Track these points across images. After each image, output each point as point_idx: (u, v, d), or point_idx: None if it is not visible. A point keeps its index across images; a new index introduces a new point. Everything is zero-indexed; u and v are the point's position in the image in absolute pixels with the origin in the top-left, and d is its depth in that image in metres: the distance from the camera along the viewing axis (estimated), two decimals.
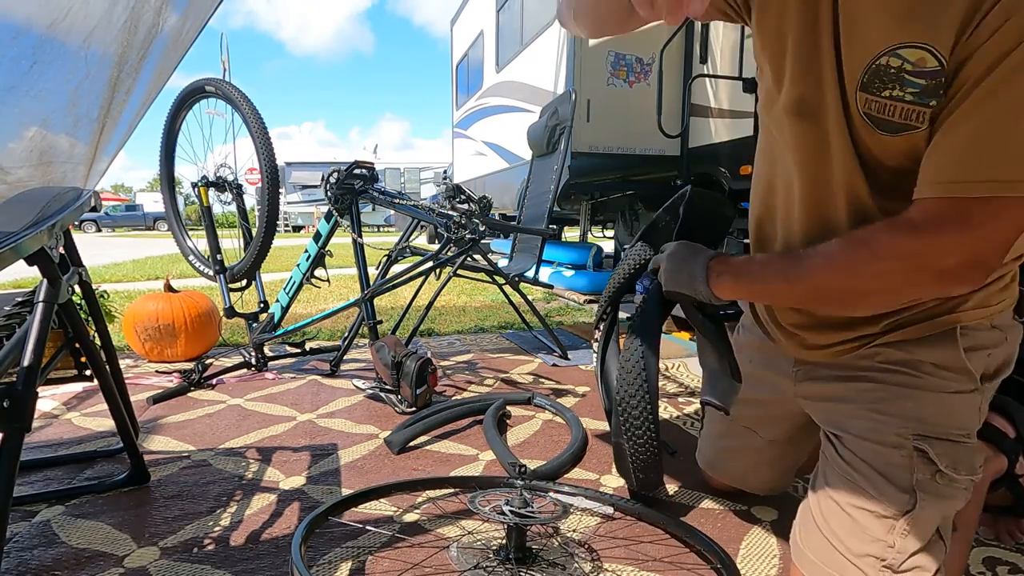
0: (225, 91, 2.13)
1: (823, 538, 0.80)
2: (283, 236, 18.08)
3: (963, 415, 0.78)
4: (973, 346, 0.78)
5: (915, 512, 0.75)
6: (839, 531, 0.79)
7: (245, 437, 1.59)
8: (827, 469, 0.85)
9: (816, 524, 0.81)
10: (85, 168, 0.95)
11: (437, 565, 1.00)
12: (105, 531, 1.11)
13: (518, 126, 5.07)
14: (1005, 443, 0.98)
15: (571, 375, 2.22)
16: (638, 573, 0.99)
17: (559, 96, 3.02)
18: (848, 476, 0.81)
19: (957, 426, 0.77)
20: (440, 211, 1.97)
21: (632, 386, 1.05)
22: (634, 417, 1.06)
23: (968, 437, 0.78)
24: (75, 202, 1.00)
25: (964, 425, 0.78)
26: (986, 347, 0.79)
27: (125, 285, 5.09)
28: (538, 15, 4.78)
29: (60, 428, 1.67)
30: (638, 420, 1.05)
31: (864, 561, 0.76)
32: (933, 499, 0.75)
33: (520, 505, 0.97)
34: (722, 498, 1.25)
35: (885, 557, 0.75)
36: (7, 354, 0.82)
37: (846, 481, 0.81)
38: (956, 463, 0.75)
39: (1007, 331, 0.80)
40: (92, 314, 1.43)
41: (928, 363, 0.79)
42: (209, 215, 2.33)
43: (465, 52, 7.48)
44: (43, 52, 0.52)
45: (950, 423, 0.77)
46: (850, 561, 0.77)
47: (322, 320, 2.04)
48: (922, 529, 0.75)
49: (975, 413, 0.79)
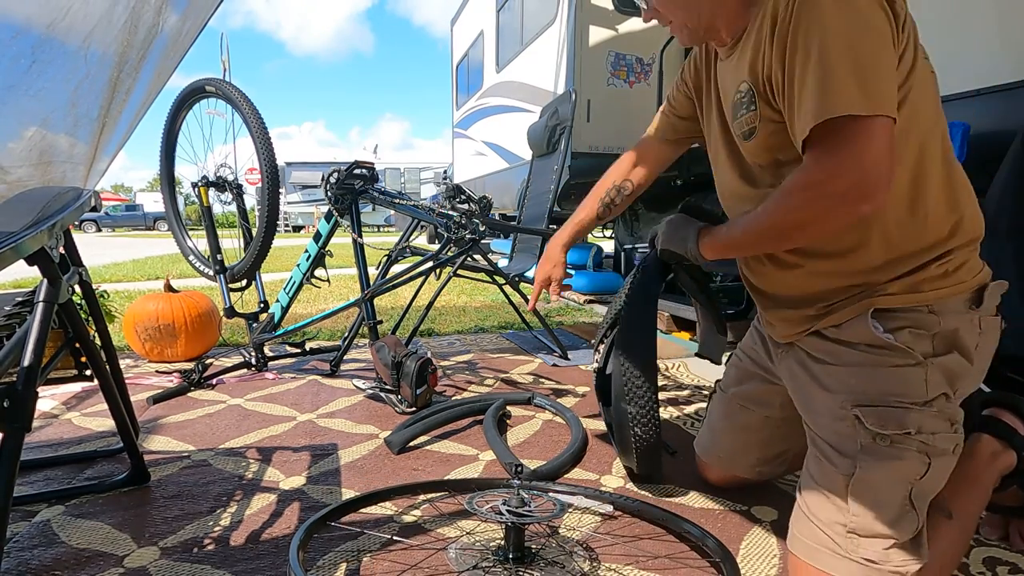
0: (225, 91, 2.13)
1: (805, 517, 0.89)
2: (283, 236, 18.09)
3: (902, 384, 0.86)
4: (903, 326, 0.87)
5: (858, 474, 0.84)
6: (813, 506, 0.88)
7: (245, 437, 1.59)
8: (807, 454, 0.95)
9: (800, 507, 0.90)
10: (85, 168, 0.95)
11: (436, 566, 1.00)
12: (105, 531, 1.12)
13: (518, 126, 5.07)
14: (1015, 439, 1.00)
15: (571, 375, 2.22)
16: (637, 571, 0.99)
17: (559, 96, 3.02)
18: (815, 453, 0.92)
19: (895, 394, 0.86)
20: (440, 211, 1.97)
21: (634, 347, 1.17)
22: (636, 376, 1.16)
23: (910, 404, 0.85)
24: (75, 202, 1.00)
25: (903, 393, 0.86)
26: (920, 328, 0.87)
27: (125, 285, 5.09)
28: (538, 15, 4.78)
29: (60, 428, 1.67)
30: (640, 380, 1.16)
31: (833, 529, 0.85)
32: (875, 460, 0.84)
33: (517, 505, 0.97)
34: (722, 498, 1.25)
35: (847, 522, 0.84)
36: (7, 354, 0.82)
37: (814, 458, 0.92)
38: (883, 421, 0.84)
39: (943, 315, 0.87)
40: (92, 314, 1.43)
41: (861, 343, 0.90)
42: (209, 215, 2.33)
43: (465, 52, 7.48)
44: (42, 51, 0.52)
45: (887, 391, 0.86)
46: (823, 531, 0.85)
47: (322, 320, 2.04)
48: (873, 491, 0.83)
49: (920, 383, 0.86)
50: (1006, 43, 1.94)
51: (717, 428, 1.25)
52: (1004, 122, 1.89)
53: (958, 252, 0.88)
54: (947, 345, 0.88)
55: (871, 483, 0.84)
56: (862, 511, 0.83)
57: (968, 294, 0.89)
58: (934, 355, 0.87)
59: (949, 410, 0.87)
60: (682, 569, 1.00)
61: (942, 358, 0.87)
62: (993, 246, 1.59)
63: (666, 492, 1.28)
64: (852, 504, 0.83)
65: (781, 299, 1.02)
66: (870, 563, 0.82)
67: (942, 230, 0.88)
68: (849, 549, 0.83)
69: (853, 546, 0.83)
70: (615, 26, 3.93)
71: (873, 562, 0.82)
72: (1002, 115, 1.92)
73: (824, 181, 0.78)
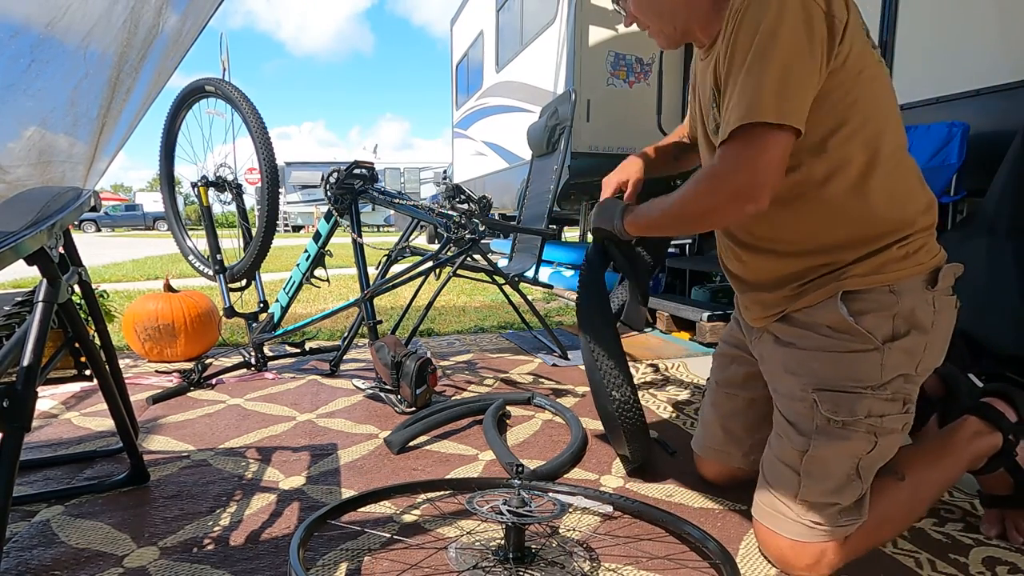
0: (225, 91, 2.13)
1: (766, 486, 1.01)
2: (283, 236, 18.09)
3: (858, 370, 0.94)
4: (867, 309, 0.95)
5: (811, 451, 0.96)
6: (771, 477, 1.01)
7: (245, 437, 1.59)
8: (772, 432, 1.05)
9: (762, 478, 1.03)
10: (84, 167, 0.95)
11: (436, 566, 1.00)
12: (105, 531, 1.11)
13: (518, 126, 5.07)
14: (1003, 422, 1.05)
15: (571, 375, 2.22)
16: (637, 571, 0.99)
17: (559, 96, 3.01)
18: (776, 431, 1.04)
19: (851, 379, 0.95)
20: (440, 211, 1.97)
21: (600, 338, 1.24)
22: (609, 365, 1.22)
23: (864, 388, 0.94)
24: (75, 202, 1.00)
25: (859, 379, 0.94)
26: (882, 310, 0.94)
27: (125, 285, 5.09)
28: (538, 15, 4.78)
29: (60, 428, 1.67)
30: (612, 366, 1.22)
31: (787, 496, 0.97)
32: (827, 439, 0.95)
33: (518, 504, 0.96)
34: (722, 498, 1.25)
35: (798, 492, 0.96)
36: (7, 354, 0.82)
37: (776, 435, 1.04)
38: (836, 408, 0.94)
39: (901, 295, 0.94)
40: (92, 314, 1.43)
41: (824, 326, 0.98)
42: (209, 215, 2.32)
43: (465, 52, 7.48)
44: (41, 51, 0.52)
45: (845, 376, 0.95)
46: (779, 499, 0.98)
47: (322, 320, 2.04)
48: (823, 466, 0.95)
49: (875, 368, 0.94)
50: (1006, 43, 1.94)
51: (707, 420, 1.30)
52: (1004, 122, 1.90)
53: (917, 235, 0.96)
54: (906, 324, 0.95)
55: (822, 459, 0.95)
56: (811, 482, 0.95)
57: (925, 275, 0.96)
58: (893, 338, 0.94)
59: (904, 391, 0.96)
60: (682, 570, 1.00)
61: (901, 340, 0.94)
62: (993, 246, 1.60)
63: (666, 492, 1.28)
64: (804, 477, 0.96)
65: (756, 284, 1.10)
66: (816, 524, 0.94)
67: (897, 216, 0.95)
68: (799, 513, 0.95)
69: (802, 511, 0.95)
70: (615, 26, 3.93)
71: (818, 523, 0.94)
72: (1002, 115, 1.92)
73: (723, 175, 0.90)
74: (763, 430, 1.20)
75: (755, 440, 1.22)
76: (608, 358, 1.22)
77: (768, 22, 0.84)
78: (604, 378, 1.22)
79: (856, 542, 0.97)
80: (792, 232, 1.01)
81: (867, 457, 0.95)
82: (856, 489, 0.95)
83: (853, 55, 0.88)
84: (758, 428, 1.22)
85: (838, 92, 0.90)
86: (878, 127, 0.93)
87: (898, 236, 0.95)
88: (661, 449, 1.51)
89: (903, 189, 0.97)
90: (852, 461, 0.94)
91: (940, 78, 2.09)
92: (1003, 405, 1.08)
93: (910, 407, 0.97)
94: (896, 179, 0.96)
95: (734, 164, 0.88)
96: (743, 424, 1.23)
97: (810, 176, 0.95)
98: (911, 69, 2.20)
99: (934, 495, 1.05)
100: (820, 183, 0.95)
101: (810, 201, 0.96)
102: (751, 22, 0.85)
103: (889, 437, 0.95)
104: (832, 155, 0.93)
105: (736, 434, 1.24)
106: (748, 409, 1.22)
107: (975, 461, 1.05)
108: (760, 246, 1.06)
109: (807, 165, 0.94)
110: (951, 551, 1.05)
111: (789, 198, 0.96)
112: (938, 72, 2.15)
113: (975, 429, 1.06)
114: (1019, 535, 1.07)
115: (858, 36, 0.89)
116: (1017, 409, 1.08)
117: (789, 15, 0.83)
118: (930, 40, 2.16)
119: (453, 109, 8.26)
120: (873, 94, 0.92)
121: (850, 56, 0.88)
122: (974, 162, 1.90)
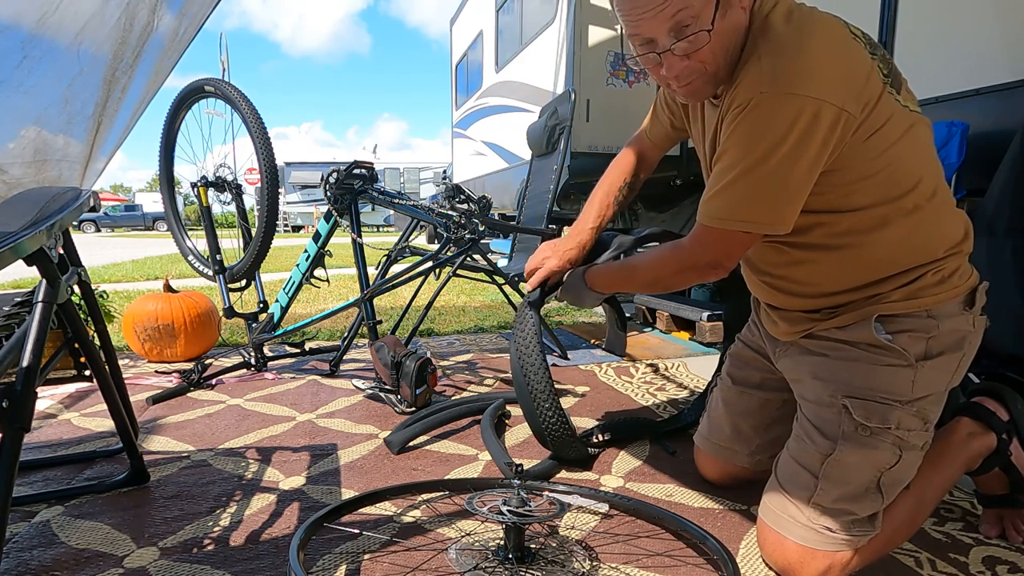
0: (224, 91, 2.13)
1: (778, 489, 0.99)
2: (283, 236, 18.09)
3: (890, 383, 0.95)
4: (903, 329, 0.95)
5: (835, 455, 0.94)
6: (785, 480, 0.99)
7: (245, 437, 1.59)
8: (790, 437, 1.04)
9: (775, 480, 1.01)
10: (81, 167, 0.95)
11: (436, 567, 0.99)
12: (105, 531, 1.11)
13: (518, 126, 5.07)
14: (993, 421, 1.06)
15: (571, 375, 2.22)
16: (637, 570, 0.99)
17: (559, 96, 3.01)
18: (798, 434, 1.02)
19: (883, 391, 0.94)
20: (440, 211, 1.96)
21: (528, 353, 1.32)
22: (537, 382, 1.30)
23: (894, 401, 0.94)
24: (74, 202, 1.00)
25: (890, 391, 0.94)
26: (919, 331, 0.95)
27: (124, 285, 5.08)
28: (538, 15, 4.78)
29: (59, 428, 1.67)
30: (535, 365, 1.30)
31: (801, 500, 0.95)
32: (853, 445, 0.94)
33: (518, 504, 0.96)
34: (722, 497, 1.24)
35: (814, 495, 0.94)
36: (6, 354, 0.82)
37: (796, 438, 1.02)
38: (868, 415, 0.93)
39: (940, 319, 0.95)
40: (91, 314, 1.43)
41: (862, 343, 0.98)
42: (208, 215, 2.32)
43: (464, 52, 7.48)
44: (33, 47, 0.51)
45: (876, 388, 0.95)
46: (791, 502, 0.96)
47: (322, 320, 2.04)
48: (845, 472, 0.93)
49: (907, 383, 0.94)
50: (1006, 42, 1.94)
51: (716, 415, 1.29)
52: (1003, 122, 1.89)
53: (950, 259, 0.97)
54: (941, 346, 0.95)
55: (844, 464, 0.94)
56: (828, 486, 0.94)
57: (962, 297, 0.97)
58: (925, 358, 0.95)
59: (927, 410, 0.95)
60: (682, 568, 1.00)
61: (935, 359, 0.95)
62: (992, 245, 1.60)
63: (666, 492, 1.28)
64: (822, 480, 0.94)
65: (787, 310, 1.11)
66: (827, 531, 0.92)
67: (936, 246, 0.96)
68: (811, 517, 0.94)
69: (815, 515, 0.93)
70: (615, 26, 3.93)
71: (830, 530, 0.92)
72: (1001, 115, 1.92)
73: (694, 259, 1.02)
74: (772, 432, 1.21)
75: (762, 440, 1.22)
76: (538, 383, 1.31)
77: (775, 134, 0.85)
78: (535, 400, 1.31)
79: (866, 555, 0.95)
80: (833, 281, 1.01)
81: (889, 473, 0.93)
82: (874, 503, 0.93)
83: (893, 120, 0.89)
84: (767, 429, 1.21)
85: (884, 174, 0.91)
86: (919, 175, 0.93)
87: (930, 261, 0.95)
88: (661, 449, 1.50)
89: (944, 225, 0.97)
90: (874, 472, 0.93)
91: (940, 77, 2.09)
92: (993, 404, 1.08)
93: (930, 427, 0.97)
94: (938, 217, 0.96)
95: (704, 249, 0.99)
96: (753, 423, 1.22)
97: (856, 226, 0.95)
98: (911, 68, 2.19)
99: (937, 499, 1.04)
100: (867, 231, 0.95)
101: (855, 248, 0.97)
102: (759, 124, 0.86)
103: (911, 453, 0.94)
104: (879, 211, 0.94)
105: (744, 432, 1.23)
106: (760, 409, 1.22)
107: (972, 462, 1.05)
108: (795, 290, 1.06)
109: (854, 222, 0.95)
110: (951, 550, 1.05)
111: (834, 246, 0.97)
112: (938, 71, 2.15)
113: (969, 430, 1.06)
114: (1018, 534, 1.07)
115: (891, 101, 0.89)
116: (1008, 407, 1.08)
117: (797, 130, 0.84)
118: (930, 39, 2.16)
119: (453, 109, 8.26)
120: (914, 147, 0.92)
121: (889, 121, 0.89)
122: (974, 161, 1.90)
